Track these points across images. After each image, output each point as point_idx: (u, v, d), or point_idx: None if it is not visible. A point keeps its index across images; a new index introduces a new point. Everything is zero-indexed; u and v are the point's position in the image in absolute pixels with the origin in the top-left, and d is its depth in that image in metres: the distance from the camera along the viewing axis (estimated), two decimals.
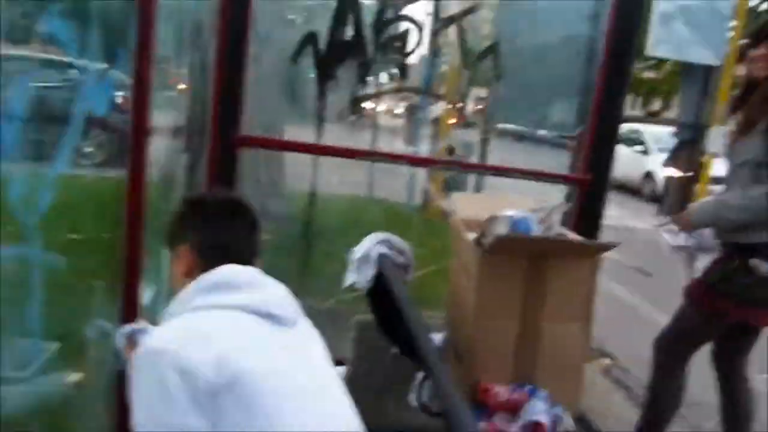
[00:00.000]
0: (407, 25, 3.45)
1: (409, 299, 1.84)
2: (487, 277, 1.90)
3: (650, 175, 11.49)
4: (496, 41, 4.14)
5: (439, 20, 3.99)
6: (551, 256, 1.91)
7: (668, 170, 6.98)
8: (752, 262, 2.16)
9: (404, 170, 6.42)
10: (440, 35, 4.09)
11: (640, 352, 2.68)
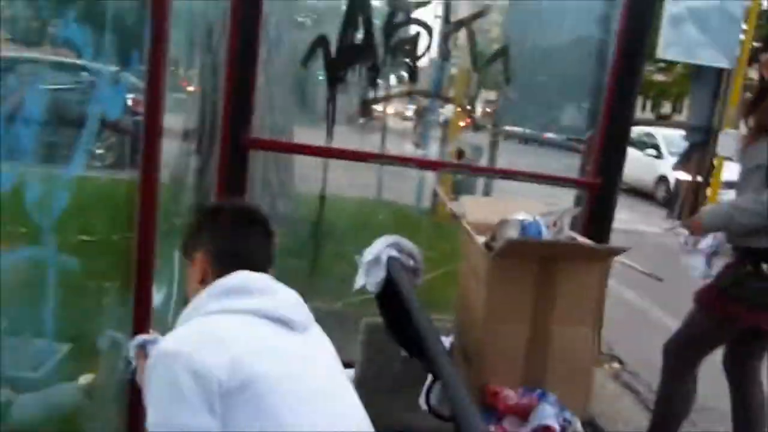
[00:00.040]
0: (417, 28, 3.45)
1: (418, 303, 1.84)
2: (497, 280, 1.90)
3: (664, 179, 11.43)
4: (505, 44, 4.13)
5: (448, 23, 3.99)
6: (561, 259, 1.91)
7: (679, 173, 6.95)
8: (764, 266, 2.15)
9: (413, 173, 6.42)
10: (450, 38, 4.09)
11: (649, 356, 2.67)
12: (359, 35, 3.26)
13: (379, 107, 4.81)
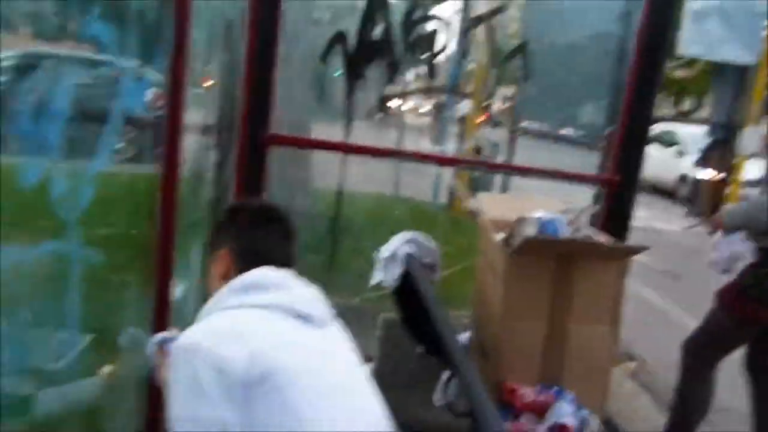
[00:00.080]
0: (435, 24, 3.45)
1: (435, 299, 1.85)
2: (514, 277, 1.90)
3: (685, 177, 11.25)
4: (524, 40, 4.12)
5: (467, 19, 3.98)
6: (579, 258, 1.90)
7: (699, 171, 6.87)
8: None
9: (430, 169, 6.42)
10: (469, 34, 4.08)
11: (667, 355, 2.65)
12: (378, 31, 3.27)
13: (396, 103, 4.81)
